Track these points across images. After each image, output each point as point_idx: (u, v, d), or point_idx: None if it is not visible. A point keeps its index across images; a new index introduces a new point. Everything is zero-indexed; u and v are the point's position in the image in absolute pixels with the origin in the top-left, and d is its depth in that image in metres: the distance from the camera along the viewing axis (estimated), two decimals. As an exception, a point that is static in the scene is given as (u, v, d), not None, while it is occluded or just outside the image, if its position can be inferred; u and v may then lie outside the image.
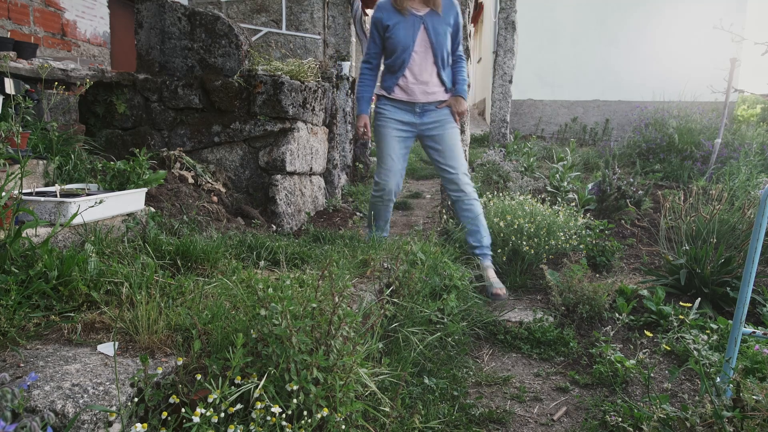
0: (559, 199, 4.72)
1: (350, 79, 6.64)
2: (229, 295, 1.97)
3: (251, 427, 1.27)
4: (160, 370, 1.43)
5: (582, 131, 10.58)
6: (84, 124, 3.97)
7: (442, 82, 3.10)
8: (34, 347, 1.58)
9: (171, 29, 4.07)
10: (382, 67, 3.25)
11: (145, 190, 2.92)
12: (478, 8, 14.99)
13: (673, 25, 10.25)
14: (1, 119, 2.71)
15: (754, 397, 1.37)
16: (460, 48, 3.18)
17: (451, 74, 3.16)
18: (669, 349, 2.46)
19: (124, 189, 2.88)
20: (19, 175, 2.07)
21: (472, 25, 9.71)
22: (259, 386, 1.35)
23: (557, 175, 5.37)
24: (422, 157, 8.31)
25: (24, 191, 2.39)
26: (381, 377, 1.69)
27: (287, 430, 1.30)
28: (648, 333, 2.47)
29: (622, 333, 2.70)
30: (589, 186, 5.07)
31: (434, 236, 3.22)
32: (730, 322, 2.47)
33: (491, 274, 3.11)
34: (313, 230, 3.80)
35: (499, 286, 3.02)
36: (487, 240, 3.18)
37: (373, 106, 3.40)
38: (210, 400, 1.27)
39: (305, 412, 1.37)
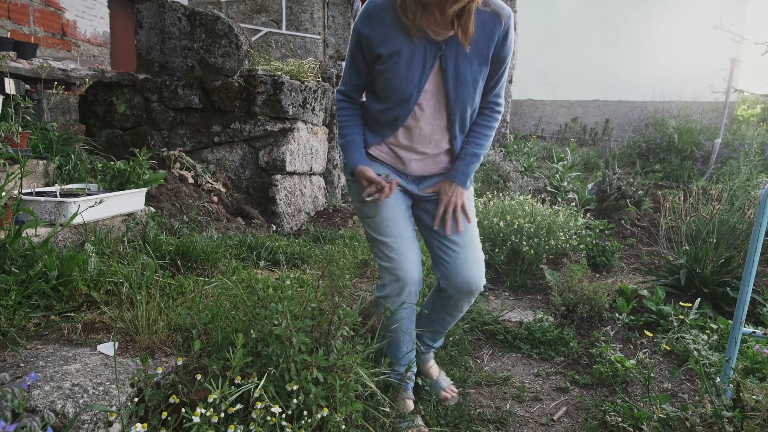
0: (559, 199, 4.73)
1: (350, 79, 6.63)
2: (229, 295, 1.97)
3: (251, 427, 1.27)
4: (160, 370, 1.43)
5: (582, 131, 10.59)
6: (84, 124, 3.97)
7: (454, 154, 1.81)
8: (34, 347, 1.58)
9: (171, 29, 4.06)
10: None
11: (145, 190, 2.92)
12: (478, 8, 14.98)
13: (673, 25, 10.25)
14: (1, 119, 2.71)
15: (754, 397, 1.37)
16: (498, 90, 1.78)
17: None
18: (669, 349, 2.46)
19: (124, 189, 2.88)
20: (19, 175, 2.07)
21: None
22: (259, 386, 1.35)
23: (557, 175, 5.37)
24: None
25: (24, 191, 2.39)
26: (381, 377, 1.69)
27: (287, 430, 1.30)
28: (648, 333, 2.47)
29: (622, 333, 2.70)
30: (589, 186, 5.07)
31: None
32: (730, 322, 2.47)
33: (438, 371, 2.09)
34: (313, 230, 3.80)
35: (449, 386, 2.06)
36: (441, 341, 2.12)
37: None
38: (210, 400, 1.27)
39: (305, 412, 1.37)
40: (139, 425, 1.18)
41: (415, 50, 1.62)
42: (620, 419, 1.77)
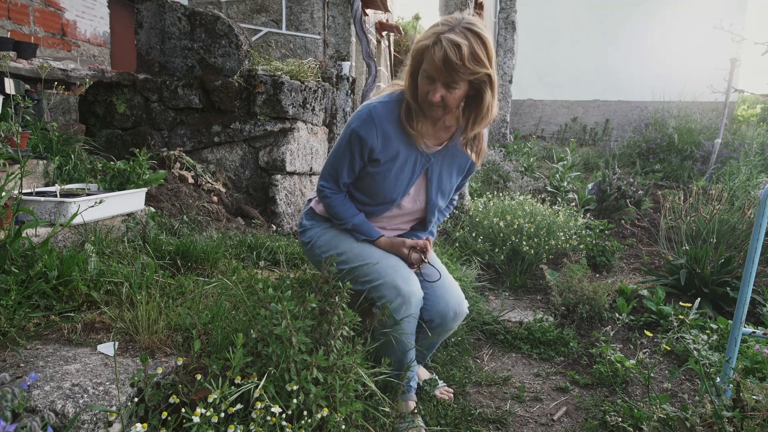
0: (559, 199, 4.73)
1: (350, 79, 6.64)
2: (229, 295, 1.97)
3: (251, 427, 1.27)
4: (160, 370, 1.43)
5: (582, 131, 10.58)
6: (84, 124, 3.97)
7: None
8: (34, 347, 1.58)
9: (171, 29, 4.06)
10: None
11: (145, 190, 2.92)
12: (478, 8, 14.99)
13: (673, 25, 10.25)
14: (1, 119, 2.71)
15: (754, 397, 1.37)
16: (462, 189, 2.08)
17: None
18: (669, 349, 2.46)
19: (124, 189, 2.87)
20: (19, 175, 2.07)
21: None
22: (259, 386, 1.35)
23: (557, 175, 5.37)
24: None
25: (24, 191, 2.39)
26: (381, 377, 1.69)
27: (287, 430, 1.30)
28: (648, 333, 2.47)
29: (622, 333, 2.70)
30: (589, 186, 5.07)
31: (434, 236, 3.22)
32: (730, 322, 2.47)
33: (426, 374, 2.15)
34: (313, 230, 3.79)
35: (446, 387, 2.10)
36: (431, 353, 2.14)
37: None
38: (210, 400, 1.27)
39: (305, 412, 1.37)
40: (139, 425, 1.18)
41: (408, 158, 1.75)
42: (620, 419, 1.77)
